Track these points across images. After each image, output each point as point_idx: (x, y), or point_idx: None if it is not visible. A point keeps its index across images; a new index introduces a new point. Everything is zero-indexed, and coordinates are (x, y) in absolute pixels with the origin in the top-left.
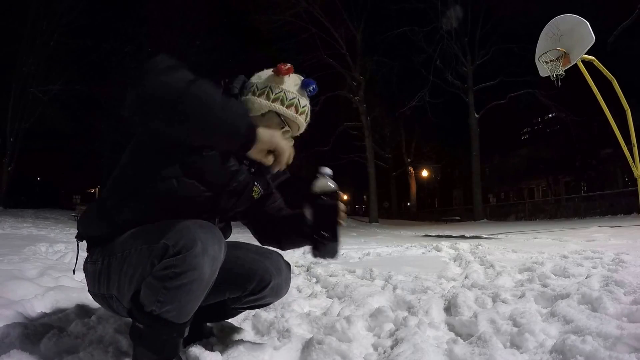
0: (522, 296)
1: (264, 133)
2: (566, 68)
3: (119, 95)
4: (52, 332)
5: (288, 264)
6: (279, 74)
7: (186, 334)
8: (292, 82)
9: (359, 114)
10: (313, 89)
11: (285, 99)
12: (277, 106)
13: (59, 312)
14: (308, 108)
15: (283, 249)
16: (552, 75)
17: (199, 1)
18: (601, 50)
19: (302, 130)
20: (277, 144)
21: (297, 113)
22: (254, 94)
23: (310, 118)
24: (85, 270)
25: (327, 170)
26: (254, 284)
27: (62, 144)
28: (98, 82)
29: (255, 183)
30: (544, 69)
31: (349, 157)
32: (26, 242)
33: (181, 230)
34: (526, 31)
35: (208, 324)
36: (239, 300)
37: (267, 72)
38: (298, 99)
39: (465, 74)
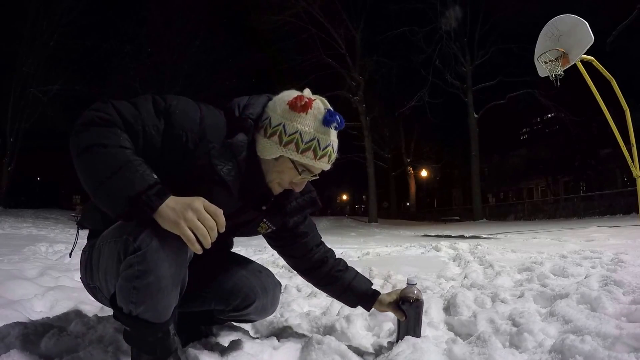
0: (521, 296)
1: (169, 215)
2: (565, 68)
3: (119, 96)
4: (52, 331)
5: (278, 284)
6: (294, 110)
7: (172, 332)
8: (310, 119)
9: (359, 114)
10: (338, 124)
11: (301, 142)
12: (289, 152)
13: (58, 312)
14: (332, 147)
15: (319, 288)
16: (551, 76)
17: (199, 1)
18: (600, 50)
19: (326, 169)
20: (181, 232)
21: (315, 158)
22: (265, 132)
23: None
24: (80, 259)
25: (414, 280)
26: (238, 300)
27: (62, 144)
28: (98, 82)
29: (265, 220)
30: (543, 69)
31: (348, 157)
32: (26, 242)
33: (144, 224)
34: (525, 31)
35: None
36: (223, 313)
37: (283, 104)
38: (318, 140)
39: (465, 74)
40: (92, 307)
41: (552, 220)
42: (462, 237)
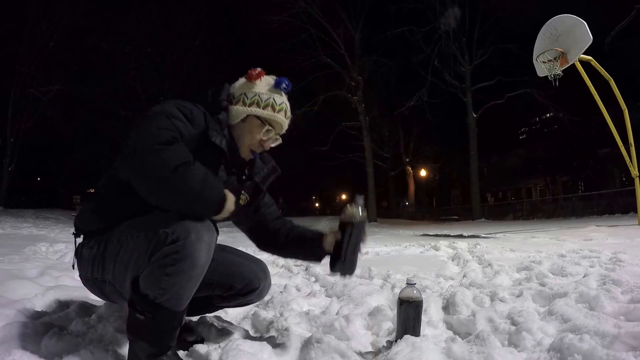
0: (520, 295)
1: (228, 205)
2: (564, 68)
3: (118, 96)
4: (53, 331)
5: (268, 268)
6: (250, 80)
7: (183, 323)
8: (264, 84)
9: (358, 114)
10: (286, 85)
11: (261, 101)
12: (253, 109)
13: (59, 311)
14: (286, 104)
15: (282, 257)
16: (550, 75)
17: (199, 1)
18: (599, 50)
19: (285, 127)
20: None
21: (274, 112)
22: (232, 103)
23: (292, 113)
24: (79, 255)
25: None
26: (242, 285)
27: (62, 144)
28: (98, 83)
29: (242, 191)
30: (542, 69)
31: (348, 157)
32: (26, 241)
33: (177, 220)
34: (524, 31)
35: (207, 321)
36: (225, 298)
37: (241, 81)
38: (273, 98)
39: (463, 74)
40: (92, 306)
41: (550, 220)
42: (461, 236)
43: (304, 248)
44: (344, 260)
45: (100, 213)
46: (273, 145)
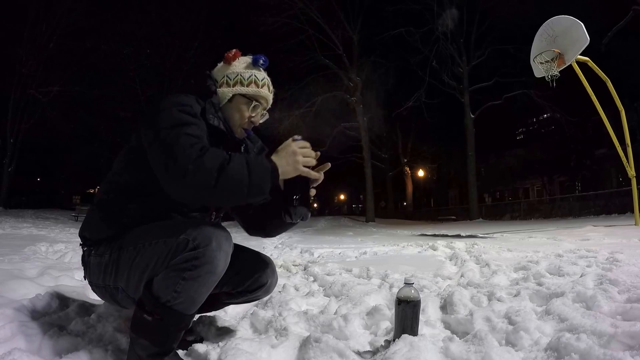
0: (517, 294)
1: (287, 170)
2: (561, 69)
3: (118, 97)
4: (53, 330)
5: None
6: (228, 62)
7: (190, 326)
8: (242, 64)
9: (356, 115)
10: (264, 61)
11: (243, 79)
12: (238, 88)
13: (59, 311)
14: (267, 79)
15: (269, 235)
16: (547, 76)
17: (198, 2)
18: (596, 51)
19: (270, 100)
20: (302, 172)
21: (258, 87)
22: (218, 87)
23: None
24: (86, 262)
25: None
26: (251, 281)
27: (62, 144)
28: (97, 84)
29: None
30: (539, 70)
31: (346, 157)
32: (26, 242)
33: (197, 227)
34: (521, 32)
35: (206, 320)
36: (233, 295)
37: (220, 65)
38: (254, 75)
39: (461, 75)
40: (91, 306)
41: (548, 220)
42: (458, 236)
43: (275, 211)
44: (298, 197)
45: (109, 220)
46: (262, 120)
